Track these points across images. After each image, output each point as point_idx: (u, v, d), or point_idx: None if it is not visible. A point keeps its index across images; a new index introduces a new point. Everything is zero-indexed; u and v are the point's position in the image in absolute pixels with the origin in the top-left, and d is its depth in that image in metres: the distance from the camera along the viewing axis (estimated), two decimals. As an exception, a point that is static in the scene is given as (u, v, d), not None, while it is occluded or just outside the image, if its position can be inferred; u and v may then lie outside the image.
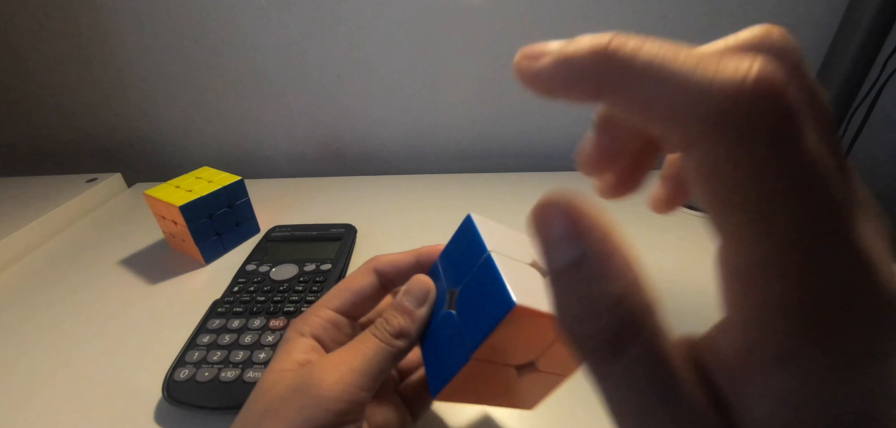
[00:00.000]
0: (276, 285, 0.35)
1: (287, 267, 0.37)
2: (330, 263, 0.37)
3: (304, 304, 0.33)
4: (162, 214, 0.42)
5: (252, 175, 0.56)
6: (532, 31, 0.56)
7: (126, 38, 0.58)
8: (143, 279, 0.40)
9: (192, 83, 0.61)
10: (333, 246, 0.40)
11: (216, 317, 0.32)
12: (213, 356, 0.28)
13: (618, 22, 0.55)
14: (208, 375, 0.27)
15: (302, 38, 0.58)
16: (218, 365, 0.28)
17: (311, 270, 0.36)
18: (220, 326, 0.31)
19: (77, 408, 0.28)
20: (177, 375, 0.27)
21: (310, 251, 0.39)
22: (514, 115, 0.63)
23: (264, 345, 0.29)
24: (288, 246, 0.41)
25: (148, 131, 0.66)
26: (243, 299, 0.33)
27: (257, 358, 0.28)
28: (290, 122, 0.65)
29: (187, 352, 0.29)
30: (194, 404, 0.26)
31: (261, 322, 0.31)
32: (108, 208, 0.56)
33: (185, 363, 0.28)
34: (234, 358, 0.28)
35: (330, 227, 0.43)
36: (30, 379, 0.30)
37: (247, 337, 0.30)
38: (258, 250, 0.40)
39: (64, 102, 0.64)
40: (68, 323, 0.35)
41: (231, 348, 0.29)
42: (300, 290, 0.34)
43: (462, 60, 0.59)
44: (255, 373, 0.27)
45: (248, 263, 0.38)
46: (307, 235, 0.42)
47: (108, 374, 0.31)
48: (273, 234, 0.43)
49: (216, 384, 0.26)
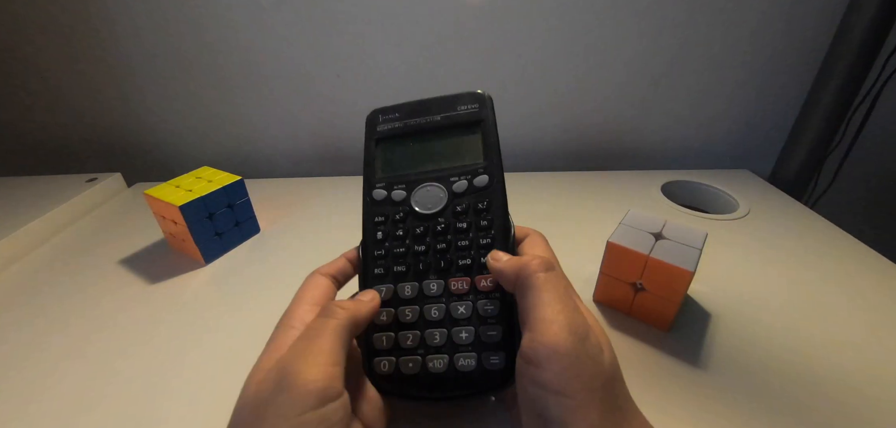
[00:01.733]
0: (428, 223, 0.25)
1: (427, 190, 0.26)
2: (484, 173, 0.26)
3: (475, 247, 0.24)
4: (162, 213, 0.42)
5: (252, 175, 0.56)
6: (531, 30, 0.56)
7: (126, 38, 0.58)
8: (143, 279, 0.40)
9: (192, 83, 0.61)
10: (473, 140, 0.27)
11: (375, 280, 0.25)
12: (405, 339, 0.23)
13: (618, 22, 0.55)
14: (412, 366, 0.22)
15: (302, 38, 0.58)
16: (418, 352, 0.23)
17: (463, 190, 0.26)
18: (389, 295, 0.24)
19: (77, 408, 0.28)
20: (380, 368, 0.23)
21: (443, 154, 0.28)
22: (513, 117, 0.63)
23: (458, 319, 0.23)
24: (409, 149, 0.28)
25: (148, 131, 0.66)
26: (397, 250, 0.25)
27: (459, 338, 0.22)
28: (290, 122, 0.65)
29: (374, 335, 0.23)
30: (412, 397, 0.23)
31: (438, 287, 0.24)
32: (108, 208, 0.56)
33: (379, 352, 0.23)
34: (433, 341, 0.23)
35: (455, 102, 0.28)
36: (30, 379, 0.30)
37: (434, 310, 0.23)
38: (372, 160, 0.28)
39: (64, 103, 0.64)
40: (68, 323, 0.35)
41: (423, 327, 0.23)
42: (464, 227, 0.25)
43: (462, 61, 0.59)
44: (466, 360, 0.22)
45: (374, 189, 0.27)
46: (430, 125, 0.28)
47: (108, 373, 0.31)
48: (381, 127, 0.29)
49: (427, 375, 0.22)
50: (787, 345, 0.31)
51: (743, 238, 0.45)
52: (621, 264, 0.32)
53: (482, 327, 0.22)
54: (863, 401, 0.27)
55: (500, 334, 0.22)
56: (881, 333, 0.32)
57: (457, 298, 0.23)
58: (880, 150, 0.63)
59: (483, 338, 0.22)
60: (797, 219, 0.48)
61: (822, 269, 0.39)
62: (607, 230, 0.33)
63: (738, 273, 0.39)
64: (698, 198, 0.56)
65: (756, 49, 0.56)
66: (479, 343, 0.22)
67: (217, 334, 0.34)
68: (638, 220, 0.34)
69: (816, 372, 0.29)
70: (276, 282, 0.40)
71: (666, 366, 0.29)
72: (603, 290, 0.34)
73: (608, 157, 0.66)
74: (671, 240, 0.31)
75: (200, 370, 0.31)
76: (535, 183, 0.57)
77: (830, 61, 0.54)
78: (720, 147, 0.65)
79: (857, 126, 0.57)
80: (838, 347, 0.31)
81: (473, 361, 0.22)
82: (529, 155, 0.65)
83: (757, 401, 0.27)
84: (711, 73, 0.59)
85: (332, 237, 0.47)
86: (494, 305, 0.23)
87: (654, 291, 0.31)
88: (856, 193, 0.66)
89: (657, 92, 0.60)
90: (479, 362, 0.22)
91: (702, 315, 0.34)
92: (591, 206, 0.52)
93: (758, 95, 0.60)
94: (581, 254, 0.39)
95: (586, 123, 0.63)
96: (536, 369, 0.17)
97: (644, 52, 0.57)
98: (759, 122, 0.62)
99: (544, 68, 0.59)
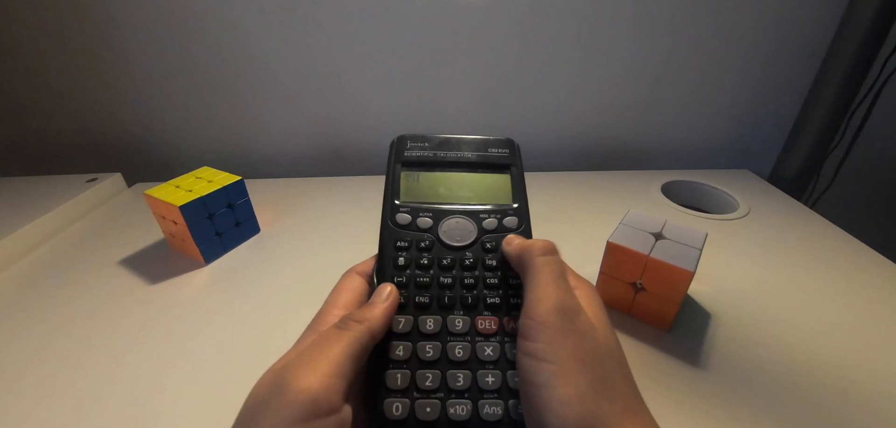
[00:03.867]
0: (456, 255, 0.24)
1: (457, 222, 0.25)
2: (514, 215, 0.25)
3: (505, 287, 0.23)
4: (162, 214, 0.42)
5: (252, 175, 0.56)
6: (531, 30, 0.56)
7: (127, 38, 0.58)
8: (144, 279, 0.40)
9: (193, 83, 0.61)
10: (503, 180, 0.27)
11: (396, 311, 0.22)
12: (425, 380, 0.20)
13: (619, 23, 0.55)
14: (431, 411, 0.20)
15: (302, 38, 0.58)
16: (438, 394, 0.20)
17: (493, 228, 0.25)
18: (408, 328, 0.22)
19: (77, 407, 0.28)
20: (391, 412, 0.20)
21: (472, 189, 0.27)
22: (513, 117, 0.63)
23: (485, 361, 0.21)
24: (438, 179, 0.28)
25: (148, 131, 0.66)
26: (420, 279, 0.23)
27: (485, 383, 0.20)
28: (290, 122, 0.65)
29: (387, 371, 0.21)
30: None
31: (463, 323, 0.22)
32: (108, 208, 0.56)
33: (392, 391, 0.20)
34: (455, 383, 0.20)
35: (486, 145, 0.28)
36: (30, 379, 0.30)
37: (458, 349, 0.21)
38: (396, 182, 0.27)
39: (64, 103, 0.64)
40: (68, 323, 0.35)
41: (446, 366, 0.21)
42: (494, 265, 0.24)
43: (462, 61, 0.59)
44: (492, 407, 0.20)
45: (398, 212, 0.25)
46: (461, 160, 0.28)
47: (108, 373, 0.31)
48: (409, 153, 0.28)
49: (447, 423, 0.20)
50: (787, 344, 0.31)
51: (743, 238, 0.45)
52: (621, 264, 0.32)
53: (510, 372, 0.20)
54: (863, 400, 0.27)
55: None
56: (881, 332, 0.32)
57: (483, 338, 0.22)
58: (880, 150, 0.63)
59: (510, 384, 0.20)
60: (797, 219, 0.48)
61: (822, 269, 0.39)
62: (607, 230, 0.33)
63: (738, 273, 0.39)
64: (698, 198, 0.56)
65: (756, 49, 0.56)
66: (507, 389, 0.20)
67: (217, 334, 0.34)
68: (638, 220, 0.34)
69: (816, 371, 0.29)
70: (276, 282, 0.40)
71: (666, 366, 0.29)
72: (603, 289, 0.34)
73: (608, 157, 0.66)
74: (671, 240, 0.31)
75: (200, 370, 0.31)
76: (536, 183, 0.57)
77: (830, 61, 0.54)
78: (720, 147, 0.65)
79: (857, 126, 0.57)
80: (838, 346, 0.31)
81: (500, 409, 0.20)
82: (530, 155, 0.65)
83: (757, 400, 0.27)
84: (711, 73, 0.59)
85: (332, 237, 0.47)
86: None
87: (654, 291, 0.31)
88: (856, 193, 0.66)
89: (657, 92, 0.60)
90: (506, 411, 0.20)
91: (702, 315, 0.34)
92: (591, 207, 0.52)
93: (758, 95, 0.60)
94: (581, 254, 0.39)
95: (586, 123, 0.64)
96: (526, 341, 0.18)
97: (644, 52, 0.57)
98: (759, 122, 0.62)
99: (545, 69, 0.59)
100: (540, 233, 0.24)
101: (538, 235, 0.23)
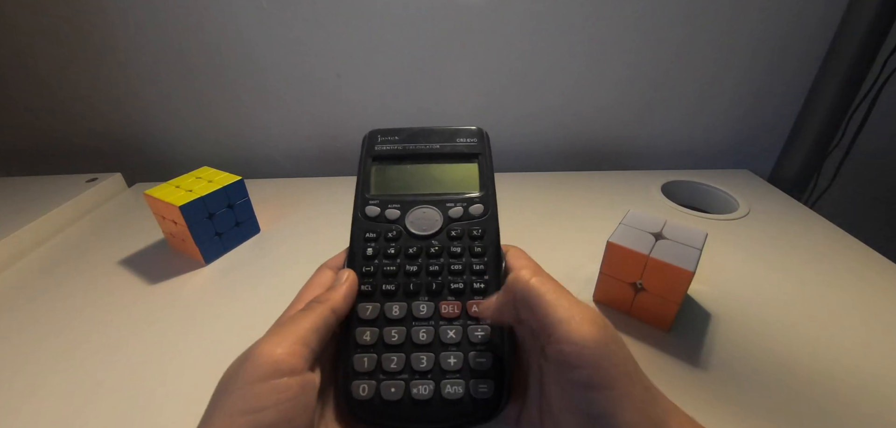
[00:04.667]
0: (423, 244, 0.25)
1: (423, 212, 0.26)
2: (480, 202, 0.26)
3: (469, 272, 0.24)
4: (162, 214, 0.42)
5: (252, 175, 0.56)
6: (532, 30, 0.56)
7: (126, 38, 0.58)
8: (143, 279, 0.40)
9: (193, 83, 0.61)
10: (470, 169, 0.28)
11: (361, 297, 0.24)
12: (390, 362, 0.21)
13: (619, 23, 0.55)
14: (395, 391, 0.21)
15: (302, 38, 0.58)
16: (402, 376, 0.21)
17: (459, 216, 0.26)
18: (375, 314, 0.23)
19: (77, 407, 0.28)
20: (358, 392, 0.21)
21: (440, 180, 0.28)
22: (514, 117, 0.63)
23: (448, 343, 0.22)
24: (406, 171, 0.29)
25: (148, 131, 0.66)
26: (387, 268, 0.24)
27: (447, 364, 0.21)
28: (290, 122, 0.65)
29: (354, 356, 0.22)
30: (391, 427, 0.21)
31: (427, 308, 0.23)
32: (108, 208, 0.56)
33: (359, 374, 0.21)
34: (419, 365, 0.21)
35: (455, 135, 0.29)
36: (30, 379, 0.30)
37: (422, 332, 0.22)
38: (367, 176, 0.28)
39: (65, 103, 0.64)
40: (68, 323, 0.35)
41: (409, 349, 0.22)
42: (458, 251, 0.25)
43: (463, 61, 0.59)
44: (453, 387, 0.21)
45: (368, 205, 0.27)
46: (429, 151, 0.29)
47: (108, 373, 0.31)
48: (379, 147, 0.29)
49: (410, 402, 0.21)
50: (788, 344, 0.31)
51: (743, 238, 0.45)
52: (621, 264, 0.32)
53: (472, 353, 0.22)
54: (863, 399, 0.27)
55: (490, 362, 0.21)
56: (881, 332, 0.32)
57: (446, 322, 0.22)
58: (880, 150, 0.63)
59: (472, 365, 0.21)
60: (797, 218, 0.48)
61: (822, 268, 0.39)
62: (607, 230, 0.33)
63: (738, 273, 0.39)
64: (698, 198, 0.56)
65: (756, 49, 0.56)
66: (468, 370, 0.21)
67: (217, 334, 0.34)
68: (638, 220, 0.34)
69: (817, 371, 0.29)
70: (277, 282, 0.40)
71: (666, 366, 0.29)
72: (603, 290, 0.34)
73: (608, 157, 0.66)
74: (671, 240, 0.31)
75: (200, 370, 0.31)
76: (536, 183, 0.57)
77: (830, 61, 0.54)
78: (720, 147, 0.65)
79: (857, 126, 0.57)
80: (838, 346, 0.31)
81: (461, 389, 0.21)
82: (530, 155, 0.65)
83: (757, 401, 0.27)
84: (712, 73, 0.59)
85: (331, 237, 0.47)
86: (485, 331, 0.22)
87: (654, 291, 0.31)
88: (856, 193, 0.66)
89: (657, 92, 0.60)
90: (466, 390, 0.21)
91: (702, 315, 0.34)
92: (591, 206, 0.52)
93: (758, 95, 0.60)
94: (581, 254, 0.39)
95: (587, 123, 0.64)
96: (571, 371, 0.16)
97: (644, 52, 0.57)
98: (759, 122, 0.62)
99: (545, 68, 0.59)
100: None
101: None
